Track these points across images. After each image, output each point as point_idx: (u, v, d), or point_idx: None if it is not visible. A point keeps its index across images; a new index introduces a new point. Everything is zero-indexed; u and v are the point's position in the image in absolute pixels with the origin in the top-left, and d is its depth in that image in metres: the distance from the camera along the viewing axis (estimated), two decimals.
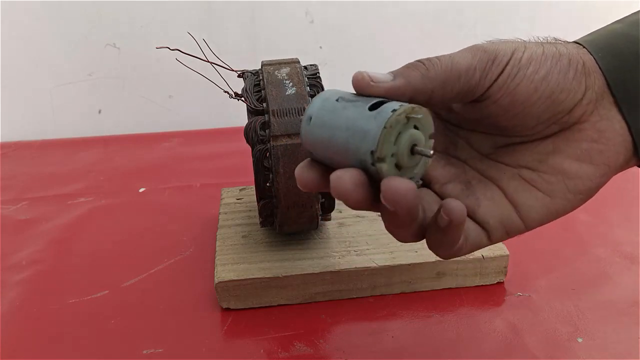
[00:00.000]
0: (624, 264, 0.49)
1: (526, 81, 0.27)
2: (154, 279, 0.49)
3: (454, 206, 0.25)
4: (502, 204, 0.30)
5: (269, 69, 0.44)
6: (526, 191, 0.30)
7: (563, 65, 0.28)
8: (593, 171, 0.29)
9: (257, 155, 0.42)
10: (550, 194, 0.29)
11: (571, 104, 0.28)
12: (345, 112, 0.26)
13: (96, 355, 0.41)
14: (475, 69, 0.27)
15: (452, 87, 0.27)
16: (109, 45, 0.83)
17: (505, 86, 0.27)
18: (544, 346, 0.40)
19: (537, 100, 0.28)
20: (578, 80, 0.28)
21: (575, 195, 0.29)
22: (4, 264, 0.52)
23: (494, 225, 0.29)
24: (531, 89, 0.27)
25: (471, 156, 0.32)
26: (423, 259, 0.45)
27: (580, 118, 0.29)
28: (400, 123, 0.25)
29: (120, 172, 0.71)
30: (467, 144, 0.32)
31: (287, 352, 0.41)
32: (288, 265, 0.45)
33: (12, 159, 0.76)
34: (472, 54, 0.27)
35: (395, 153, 0.25)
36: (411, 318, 0.44)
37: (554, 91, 0.28)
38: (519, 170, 0.30)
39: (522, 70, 0.27)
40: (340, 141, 0.26)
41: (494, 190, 0.30)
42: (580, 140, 0.29)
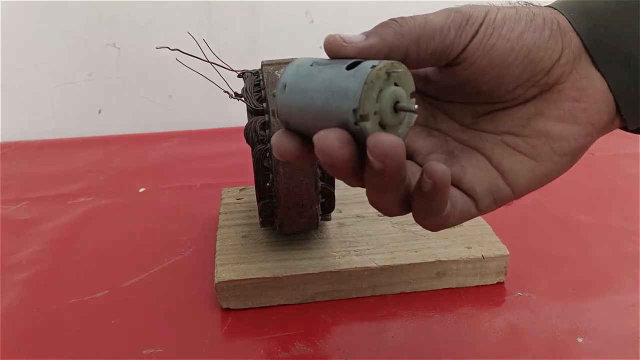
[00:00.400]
0: (624, 264, 0.49)
1: (502, 40, 0.27)
2: (154, 279, 0.49)
3: (436, 168, 0.24)
4: (488, 171, 0.29)
5: (269, 69, 0.44)
6: (511, 156, 0.29)
7: (538, 24, 0.28)
8: (577, 130, 0.29)
9: (257, 155, 0.42)
10: (536, 157, 0.29)
11: (549, 63, 0.28)
12: (321, 74, 0.25)
13: (96, 355, 0.41)
14: (449, 28, 0.27)
15: (427, 45, 0.27)
16: (109, 45, 0.83)
17: (482, 46, 0.27)
18: (544, 346, 0.41)
19: (514, 60, 0.27)
20: (554, 39, 0.28)
21: (562, 157, 0.29)
22: (4, 264, 0.52)
23: (481, 192, 0.29)
24: (507, 48, 0.27)
25: (452, 128, 0.31)
26: (423, 259, 0.45)
27: (560, 78, 0.28)
28: (381, 79, 0.24)
29: (120, 172, 0.71)
30: (447, 115, 0.31)
31: (287, 352, 0.41)
32: (288, 265, 0.45)
33: (12, 159, 0.76)
34: (446, 14, 0.27)
35: (377, 111, 0.24)
36: (411, 318, 0.44)
37: (530, 50, 0.27)
38: (502, 136, 0.30)
39: (497, 29, 0.27)
40: (319, 104, 0.25)
41: (479, 158, 0.30)
42: (562, 101, 0.29)
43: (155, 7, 0.81)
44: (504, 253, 0.46)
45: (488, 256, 0.46)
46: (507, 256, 0.46)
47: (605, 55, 0.28)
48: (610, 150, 0.70)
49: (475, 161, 0.30)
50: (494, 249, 0.46)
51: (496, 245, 0.47)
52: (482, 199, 0.29)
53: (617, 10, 0.28)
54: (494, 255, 0.46)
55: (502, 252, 0.46)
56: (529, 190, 0.30)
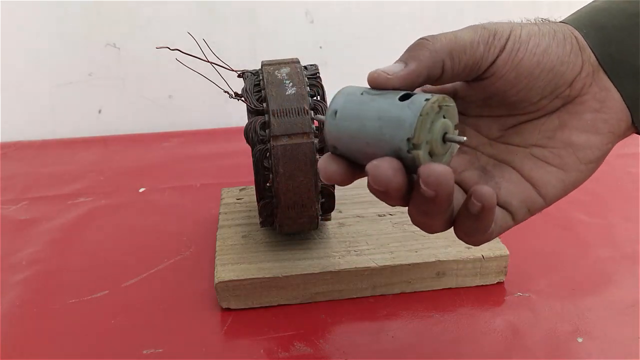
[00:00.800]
0: (624, 264, 0.49)
1: (529, 55, 0.29)
2: (154, 279, 0.49)
3: (484, 192, 0.26)
4: (521, 183, 0.31)
5: (269, 69, 0.44)
6: (541, 168, 0.31)
7: (559, 40, 0.29)
8: (600, 140, 0.30)
9: (257, 155, 0.42)
10: (563, 167, 0.30)
11: (571, 76, 0.29)
12: (374, 103, 0.27)
13: (96, 355, 0.41)
14: (478, 43, 0.28)
15: (460, 59, 0.28)
16: (109, 45, 0.83)
17: (510, 60, 0.29)
18: (544, 346, 0.41)
19: (540, 73, 0.29)
20: (575, 54, 0.29)
21: (587, 165, 0.31)
22: (4, 264, 0.52)
23: (517, 205, 0.30)
24: (534, 62, 0.29)
25: (481, 142, 0.32)
26: (423, 259, 0.45)
27: (581, 91, 0.30)
28: (434, 111, 0.26)
29: (120, 172, 0.71)
30: (475, 130, 0.33)
31: (287, 352, 0.41)
32: (288, 265, 0.45)
33: (12, 159, 0.76)
34: (473, 30, 0.29)
35: (429, 141, 0.26)
36: (411, 318, 0.44)
37: (555, 64, 0.29)
38: (530, 149, 0.31)
39: (524, 45, 0.29)
40: (371, 131, 0.27)
41: (511, 171, 0.31)
42: (584, 112, 0.30)
43: (155, 7, 0.81)
44: (504, 253, 0.46)
45: (488, 256, 0.46)
46: (507, 256, 0.46)
47: (617, 69, 0.30)
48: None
49: (508, 175, 0.31)
50: (494, 249, 0.46)
51: (496, 245, 0.47)
52: (517, 212, 0.30)
53: (628, 26, 0.30)
54: (494, 255, 0.46)
55: (502, 252, 0.46)
56: (559, 198, 0.31)
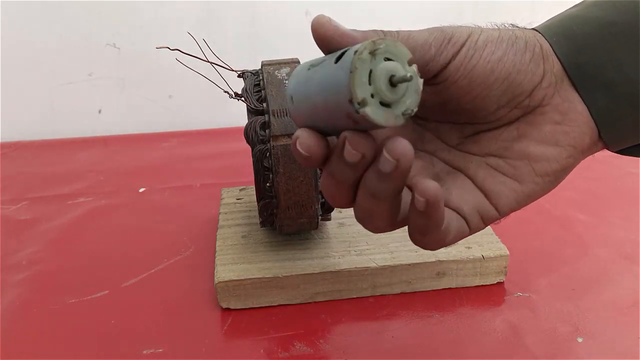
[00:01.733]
0: (624, 264, 0.49)
1: (482, 62, 0.28)
2: (154, 279, 0.49)
3: (427, 185, 0.25)
4: (473, 191, 0.30)
5: (269, 69, 0.44)
6: (494, 178, 0.30)
7: (519, 47, 0.28)
8: (558, 152, 0.29)
9: (257, 155, 0.42)
10: (517, 178, 0.30)
11: (530, 86, 0.29)
12: (316, 76, 0.26)
13: (96, 355, 0.41)
14: (430, 45, 0.27)
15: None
16: (109, 45, 0.83)
17: (462, 67, 0.28)
18: (544, 346, 0.41)
19: (495, 81, 0.28)
20: (536, 63, 0.28)
21: (543, 177, 0.30)
22: (4, 264, 0.52)
23: (468, 211, 0.30)
24: (487, 70, 0.28)
25: (439, 148, 0.32)
26: (423, 259, 0.45)
27: (542, 101, 0.29)
28: (366, 61, 0.23)
29: (120, 172, 0.71)
30: (435, 136, 0.32)
31: (287, 352, 0.41)
32: (288, 265, 0.45)
33: (12, 159, 0.76)
34: (429, 32, 0.28)
35: (374, 92, 0.24)
36: (411, 318, 0.44)
37: (510, 72, 0.28)
38: (486, 158, 0.30)
39: (478, 51, 0.28)
40: (320, 106, 0.25)
41: (463, 179, 0.31)
42: (544, 123, 0.29)
43: (155, 7, 0.81)
44: (504, 253, 0.46)
45: (488, 256, 0.46)
46: (507, 256, 0.46)
47: (585, 80, 0.29)
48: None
49: (460, 182, 0.30)
50: (494, 249, 0.46)
51: (496, 245, 0.47)
52: (470, 218, 0.30)
53: (600, 36, 0.29)
54: (494, 255, 0.46)
55: (502, 252, 0.46)
56: (513, 210, 0.30)
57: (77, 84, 0.84)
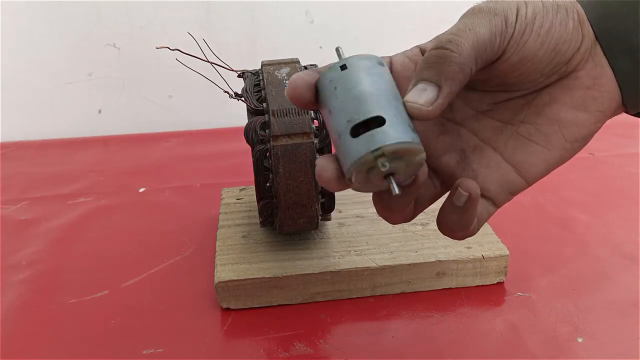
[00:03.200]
0: (624, 264, 0.49)
1: (534, 36, 0.28)
2: (154, 279, 0.49)
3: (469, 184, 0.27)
4: (500, 167, 0.30)
5: (269, 69, 0.44)
6: (524, 148, 0.30)
7: (562, 16, 0.28)
8: (588, 118, 0.30)
9: (257, 155, 0.42)
10: (548, 145, 0.30)
11: (571, 53, 0.29)
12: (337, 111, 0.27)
13: (96, 355, 0.41)
14: (495, 36, 0.27)
15: (481, 60, 0.27)
16: (109, 45, 0.83)
17: (516, 44, 0.28)
18: (544, 346, 0.41)
19: (544, 54, 0.28)
20: (577, 30, 0.29)
21: (572, 143, 0.30)
22: (4, 264, 0.52)
23: (496, 190, 0.30)
24: (538, 43, 0.28)
25: (467, 116, 0.32)
26: (423, 259, 0.45)
27: (577, 66, 0.29)
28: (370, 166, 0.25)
29: (120, 172, 0.71)
30: (464, 103, 0.32)
31: (287, 352, 0.41)
32: (288, 265, 0.45)
33: (12, 159, 0.76)
34: (488, 21, 0.27)
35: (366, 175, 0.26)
36: (411, 318, 0.44)
37: (557, 43, 0.28)
38: (517, 126, 0.31)
39: (529, 26, 0.28)
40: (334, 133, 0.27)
41: (491, 154, 0.31)
42: (576, 88, 0.30)
43: (155, 7, 0.81)
44: (504, 253, 0.46)
45: (488, 256, 0.46)
46: (507, 256, 0.46)
47: (613, 45, 0.29)
48: (610, 150, 0.70)
49: (486, 161, 0.31)
50: (494, 249, 0.46)
51: (496, 245, 0.47)
52: (497, 196, 0.30)
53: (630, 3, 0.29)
54: (494, 255, 0.46)
55: (502, 252, 0.46)
56: (541, 177, 0.31)
57: (77, 84, 0.84)
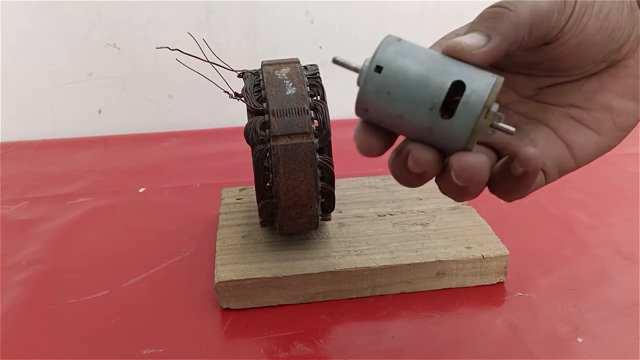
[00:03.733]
0: (624, 264, 0.49)
1: (593, 19, 0.27)
2: (154, 279, 0.49)
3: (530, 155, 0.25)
4: (556, 143, 0.29)
5: (269, 69, 0.44)
6: (577, 129, 0.29)
7: (619, 2, 0.28)
8: (636, 107, 0.29)
9: (257, 155, 0.42)
10: (599, 131, 0.29)
11: (623, 40, 0.28)
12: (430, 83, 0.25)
13: (96, 355, 0.41)
14: (554, 12, 0.26)
15: (536, 31, 0.26)
16: (109, 45, 0.83)
17: (575, 26, 0.27)
18: (544, 346, 0.41)
19: (600, 39, 0.27)
20: (630, 17, 0.28)
21: (621, 131, 0.29)
22: (4, 264, 0.52)
23: (550, 166, 0.29)
24: (597, 27, 0.27)
25: (513, 100, 0.31)
26: (423, 259, 0.45)
27: (627, 54, 0.29)
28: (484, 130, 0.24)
29: (120, 172, 0.71)
30: (507, 88, 0.31)
31: (287, 352, 0.41)
32: (288, 265, 0.45)
33: (12, 159, 0.76)
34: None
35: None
36: (411, 318, 0.44)
37: (614, 29, 0.27)
38: (567, 109, 0.30)
39: (589, 8, 0.27)
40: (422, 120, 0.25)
41: (545, 130, 0.30)
42: (626, 76, 0.29)
43: (155, 7, 0.81)
44: (504, 253, 0.46)
45: (488, 256, 0.46)
46: (507, 256, 0.46)
47: None
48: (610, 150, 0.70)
49: (543, 133, 0.30)
50: (494, 249, 0.46)
51: (496, 245, 0.47)
52: (550, 172, 0.29)
53: None
54: (494, 255, 0.46)
55: (502, 252, 0.46)
56: (590, 161, 0.30)
57: (77, 84, 0.84)
